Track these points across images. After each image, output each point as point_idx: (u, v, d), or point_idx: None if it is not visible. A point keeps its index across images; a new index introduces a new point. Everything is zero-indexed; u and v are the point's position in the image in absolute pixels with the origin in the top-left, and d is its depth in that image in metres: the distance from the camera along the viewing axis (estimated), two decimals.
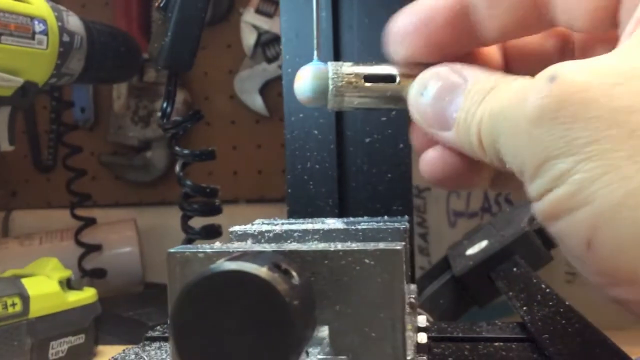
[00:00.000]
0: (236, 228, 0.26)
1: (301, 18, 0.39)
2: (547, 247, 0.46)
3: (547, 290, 0.36)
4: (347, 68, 0.25)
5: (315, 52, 0.27)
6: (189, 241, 0.45)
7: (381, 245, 0.18)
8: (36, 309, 0.48)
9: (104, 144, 0.91)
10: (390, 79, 0.25)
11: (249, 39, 0.81)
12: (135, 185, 0.91)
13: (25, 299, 0.47)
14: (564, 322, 0.31)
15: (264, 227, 0.25)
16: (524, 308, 0.34)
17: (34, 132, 0.86)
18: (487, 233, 0.51)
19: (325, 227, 0.25)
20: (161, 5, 0.41)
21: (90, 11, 0.87)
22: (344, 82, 0.25)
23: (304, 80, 0.25)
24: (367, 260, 0.18)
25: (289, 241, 0.23)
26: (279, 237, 0.24)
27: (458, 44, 0.24)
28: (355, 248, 0.18)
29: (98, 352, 0.54)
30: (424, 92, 0.23)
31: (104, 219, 0.82)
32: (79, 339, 0.52)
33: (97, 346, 0.54)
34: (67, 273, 0.52)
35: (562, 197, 0.17)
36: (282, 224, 0.27)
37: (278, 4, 0.80)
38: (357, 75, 0.25)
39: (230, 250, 0.18)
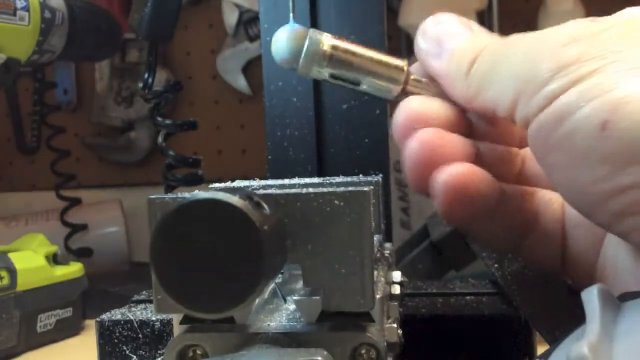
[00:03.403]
0: (216, 185, 0.27)
1: None
2: None
3: None
4: (326, 38, 0.25)
5: (291, 15, 0.27)
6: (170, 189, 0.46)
7: (350, 187, 0.20)
8: (23, 282, 0.48)
9: (88, 125, 0.91)
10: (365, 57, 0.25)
11: (230, 18, 0.81)
12: (120, 166, 0.91)
13: (12, 272, 0.48)
14: (531, 274, 0.32)
15: (243, 184, 0.26)
16: (495, 265, 0.35)
17: (17, 114, 0.86)
18: None
19: (302, 182, 0.26)
20: None
21: None
22: (318, 51, 0.25)
23: (280, 42, 0.26)
24: (336, 202, 0.19)
25: None
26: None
27: None
28: (326, 190, 0.19)
29: (86, 326, 0.55)
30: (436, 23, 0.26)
31: (89, 200, 0.83)
32: (67, 312, 0.53)
33: (84, 320, 0.55)
34: (53, 248, 0.53)
35: (586, 89, 0.19)
36: (260, 181, 0.28)
37: None
38: (333, 47, 0.25)
39: None
